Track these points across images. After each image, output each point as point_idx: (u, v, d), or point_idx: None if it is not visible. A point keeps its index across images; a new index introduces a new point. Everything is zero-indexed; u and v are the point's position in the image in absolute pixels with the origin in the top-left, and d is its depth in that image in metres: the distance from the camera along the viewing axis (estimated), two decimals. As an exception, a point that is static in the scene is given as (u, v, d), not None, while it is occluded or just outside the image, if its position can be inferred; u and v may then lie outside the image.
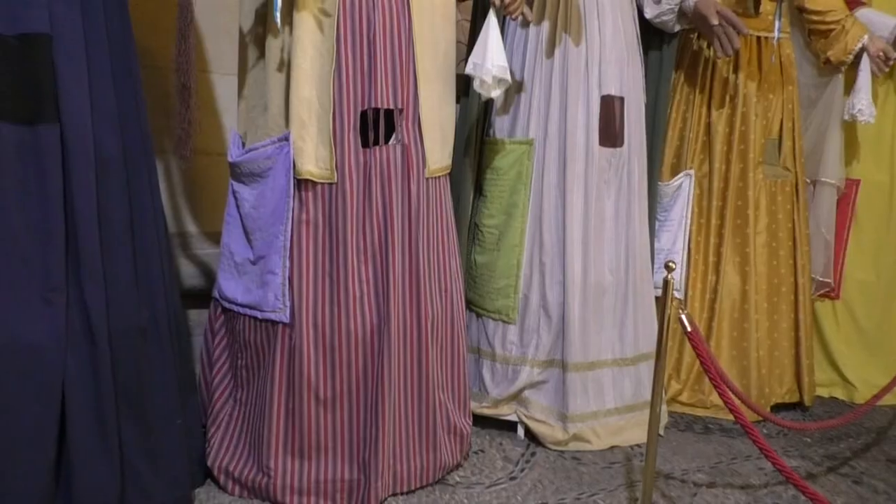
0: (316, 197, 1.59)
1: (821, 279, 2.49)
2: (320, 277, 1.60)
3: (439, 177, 1.74)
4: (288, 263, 1.58)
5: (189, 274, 2.04)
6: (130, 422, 1.41)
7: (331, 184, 1.58)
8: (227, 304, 1.70)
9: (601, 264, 2.02)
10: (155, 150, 1.58)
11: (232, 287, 1.68)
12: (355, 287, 1.60)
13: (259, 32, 1.65)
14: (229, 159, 1.68)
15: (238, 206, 1.66)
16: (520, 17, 1.78)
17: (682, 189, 2.30)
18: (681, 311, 1.49)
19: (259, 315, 1.62)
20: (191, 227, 2.25)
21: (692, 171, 2.31)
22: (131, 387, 1.41)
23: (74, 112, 1.29)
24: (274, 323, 1.60)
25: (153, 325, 1.48)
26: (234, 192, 1.68)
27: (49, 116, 1.27)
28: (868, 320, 2.53)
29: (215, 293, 1.75)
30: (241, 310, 1.66)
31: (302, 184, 1.58)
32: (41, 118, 1.26)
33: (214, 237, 2.15)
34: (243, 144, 1.68)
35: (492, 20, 1.72)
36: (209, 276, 2.02)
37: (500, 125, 2.08)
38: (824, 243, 2.47)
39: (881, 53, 2.36)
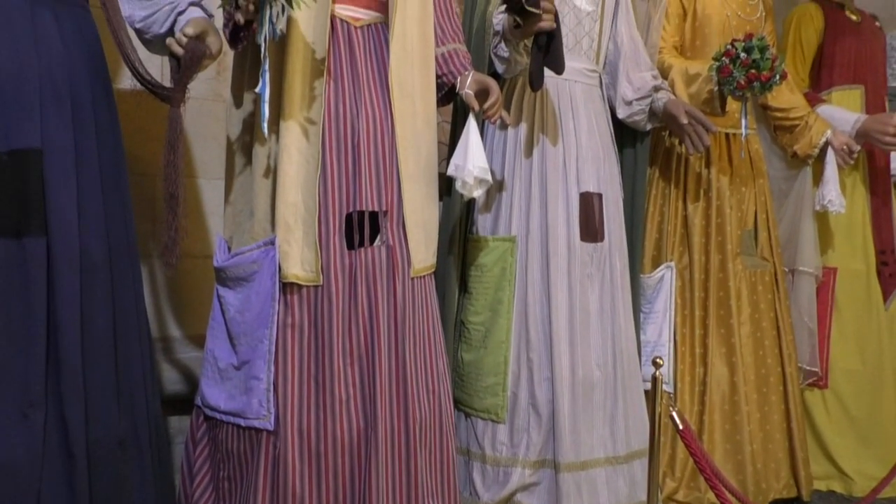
0: (301, 300, 1.59)
1: (808, 368, 2.49)
2: (306, 381, 1.57)
3: (424, 276, 1.75)
4: (273, 368, 1.56)
5: (171, 380, 2.00)
6: (106, 540, 1.35)
7: (316, 286, 1.58)
8: (209, 412, 1.66)
9: (588, 359, 2.01)
10: (140, 254, 1.59)
11: (215, 394, 1.64)
12: (341, 390, 1.57)
13: (246, 140, 1.69)
14: (215, 264, 1.68)
15: (223, 311, 1.65)
16: (498, 121, 1.84)
17: (664, 281, 2.34)
18: (671, 408, 1.48)
19: (242, 423, 1.58)
20: (174, 331, 2.22)
21: (673, 264, 2.35)
22: (108, 502, 1.36)
23: (62, 224, 1.31)
24: (258, 431, 1.56)
25: (133, 436, 1.44)
26: (219, 297, 1.67)
27: (36, 229, 1.28)
28: (858, 409, 2.52)
29: (197, 400, 1.72)
30: (223, 417, 1.62)
31: (287, 287, 1.58)
32: (28, 231, 1.27)
33: (198, 340, 2.12)
34: (229, 249, 1.69)
35: (472, 124, 1.78)
36: (191, 381, 1.98)
37: (483, 223, 2.12)
38: (808, 332, 2.49)
39: (845, 147, 2.47)
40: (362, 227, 1.64)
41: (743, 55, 2.12)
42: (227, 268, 1.64)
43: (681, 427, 1.46)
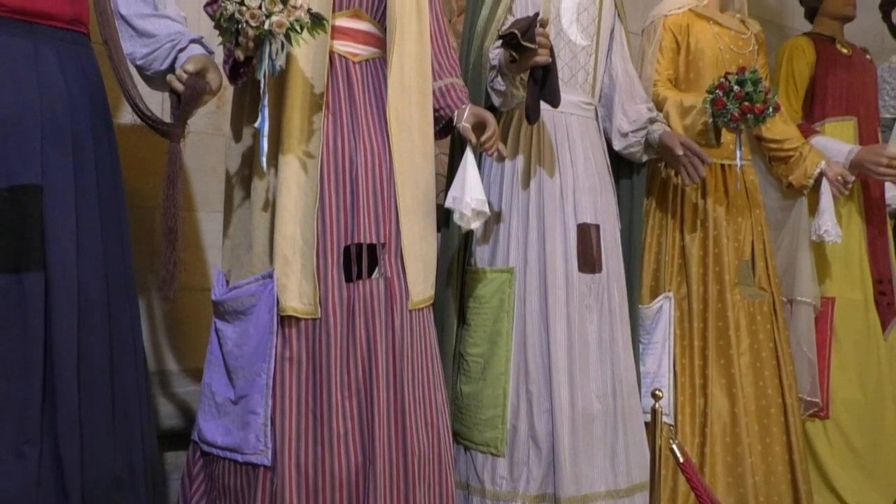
0: (299, 333, 1.58)
1: (808, 399, 2.48)
2: (303, 416, 1.56)
3: (423, 308, 1.75)
4: (270, 403, 1.55)
5: (167, 414, 1.98)
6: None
7: (314, 319, 1.58)
8: (206, 448, 1.64)
9: (588, 391, 2.00)
10: (138, 287, 1.59)
11: (212, 429, 1.63)
12: (339, 424, 1.56)
13: (245, 174, 1.70)
14: (213, 298, 1.68)
15: (221, 345, 1.65)
16: (495, 153, 1.86)
17: (662, 311, 2.33)
18: (672, 441, 1.47)
19: (239, 458, 1.56)
20: (171, 365, 2.21)
21: (671, 294, 2.35)
22: (102, 542, 1.34)
23: (61, 259, 1.31)
24: (255, 466, 1.54)
25: (128, 473, 1.43)
26: (216, 331, 1.67)
27: (35, 264, 1.28)
28: (860, 440, 2.50)
29: (194, 436, 1.70)
30: (220, 453, 1.61)
31: (285, 320, 1.58)
32: (27, 266, 1.28)
33: (195, 374, 2.11)
34: (227, 282, 1.69)
35: (469, 156, 1.80)
36: (188, 416, 1.96)
37: (481, 254, 2.12)
38: (808, 362, 2.49)
39: (840, 177, 2.49)
40: (360, 260, 1.64)
41: (736, 88, 2.15)
42: (225, 301, 1.64)
43: (682, 460, 1.45)
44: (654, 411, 1.47)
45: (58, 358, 1.30)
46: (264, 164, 1.55)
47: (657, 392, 1.47)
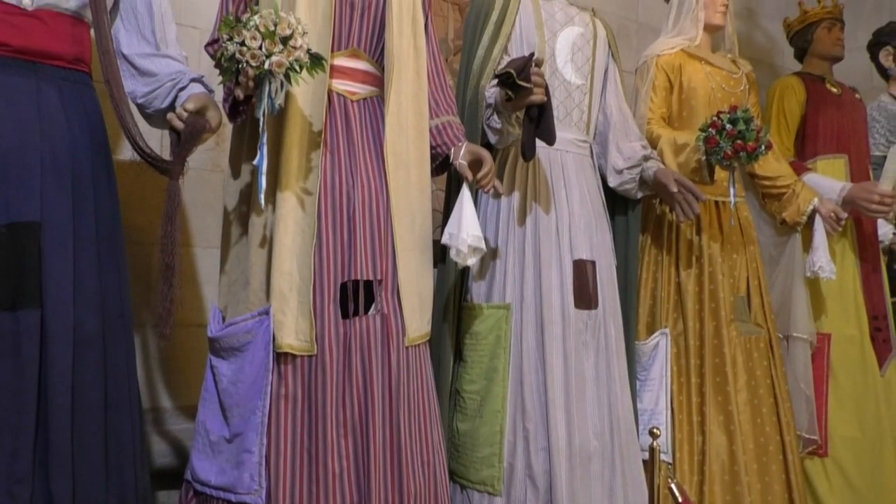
0: (295, 370, 1.57)
1: (807, 436, 2.47)
2: (298, 454, 1.54)
3: (419, 344, 1.75)
4: (265, 441, 1.53)
5: (160, 452, 1.96)
6: None
7: (310, 356, 1.57)
8: (199, 487, 1.62)
9: (585, 429, 1.98)
10: (133, 323, 1.58)
11: (206, 468, 1.61)
12: (335, 463, 1.54)
13: (243, 210, 1.71)
14: (209, 334, 1.68)
15: (216, 382, 1.64)
16: (491, 190, 1.88)
17: (659, 348, 2.33)
18: (670, 479, 1.45)
19: (233, 498, 1.54)
20: (165, 402, 2.19)
21: (667, 330, 2.35)
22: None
23: (57, 296, 1.31)
24: (249, 506, 1.52)
25: (120, 512, 1.41)
26: (212, 367, 1.66)
27: (31, 301, 1.28)
28: (860, 479, 2.48)
29: (187, 475, 1.68)
30: (214, 492, 1.58)
31: (281, 357, 1.57)
32: (23, 304, 1.28)
33: (188, 411, 2.09)
34: (223, 319, 1.69)
35: (465, 193, 1.81)
36: (182, 454, 1.94)
37: (478, 290, 2.12)
38: (805, 399, 2.48)
39: (832, 214, 2.51)
40: (357, 296, 1.64)
41: (729, 126, 2.18)
42: (221, 338, 1.63)
43: (680, 499, 1.43)
44: (652, 449, 1.46)
45: (52, 396, 1.29)
46: (262, 202, 1.56)
47: (655, 430, 1.46)
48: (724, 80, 2.53)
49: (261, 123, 1.51)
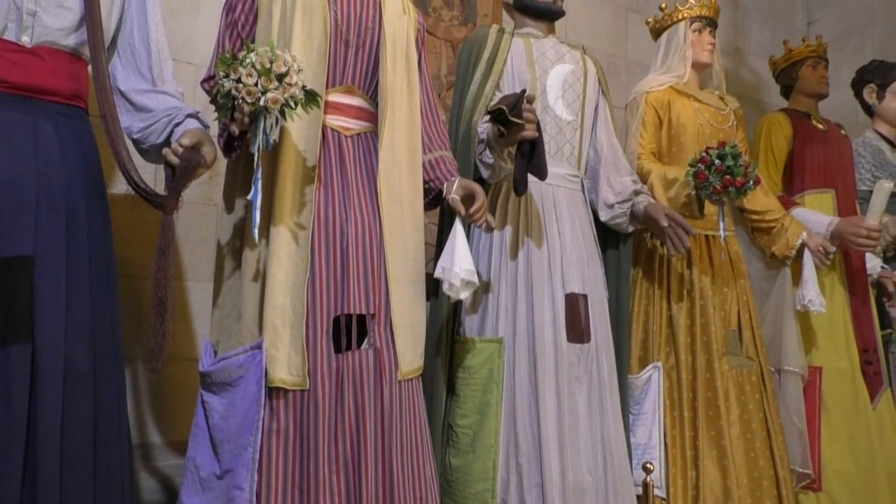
0: (287, 405, 1.56)
1: (800, 470, 2.45)
2: (290, 491, 1.52)
3: (412, 379, 1.74)
4: (256, 477, 1.51)
5: (149, 489, 1.93)
6: None
7: (303, 391, 1.57)
8: (188, 524, 1.60)
9: (578, 464, 1.97)
10: (124, 358, 1.57)
11: (195, 505, 1.59)
12: (327, 499, 1.52)
13: (237, 245, 1.71)
14: (200, 369, 1.67)
15: (207, 417, 1.62)
16: (484, 224, 1.90)
17: (651, 381, 2.33)
18: (664, 515, 1.44)
19: (223, 536, 1.52)
20: (154, 438, 2.17)
21: (659, 364, 2.35)
22: None
23: (49, 331, 1.31)
24: (238, 546, 1.50)
25: (108, 551, 1.38)
26: (203, 403, 1.64)
27: (22, 336, 1.28)
28: (855, 514, 2.47)
29: (177, 512, 1.65)
30: (203, 530, 1.56)
31: (273, 392, 1.56)
32: (13, 339, 1.27)
33: (178, 447, 2.06)
34: (215, 353, 1.68)
35: (458, 227, 1.82)
36: (171, 491, 1.91)
37: (470, 324, 2.12)
38: (798, 433, 2.47)
39: (821, 248, 2.54)
40: (350, 331, 1.64)
41: (717, 162, 2.21)
42: (212, 372, 1.62)
43: (675, 536, 1.42)
44: (645, 484, 1.45)
45: (41, 432, 1.27)
46: (256, 236, 1.57)
47: (648, 465, 1.45)
48: (713, 117, 2.58)
49: (255, 158, 1.52)
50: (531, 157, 1.93)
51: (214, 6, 2.29)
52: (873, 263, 2.83)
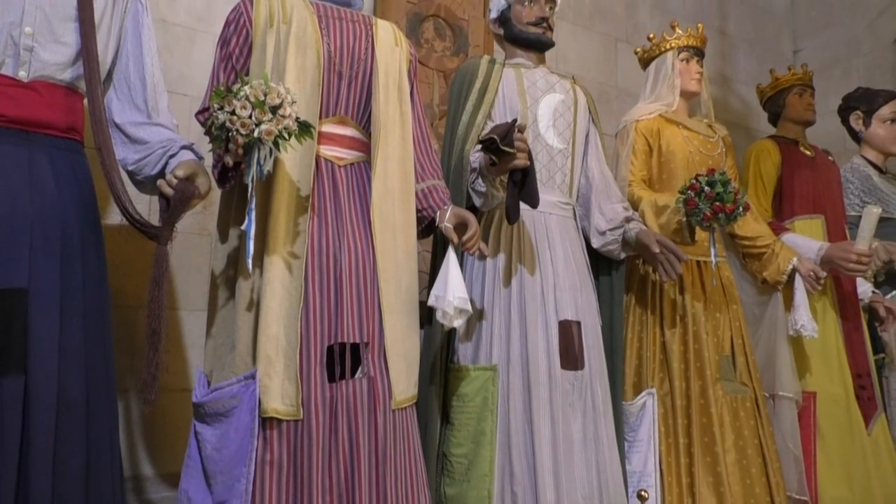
0: (281, 435, 1.56)
1: (797, 497, 2.44)
2: (283, 523, 1.51)
3: (406, 408, 1.74)
4: (249, 509, 1.50)
5: (141, 522, 1.91)
6: None
7: (296, 421, 1.56)
8: (180, 558, 1.58)
9: (574, 492, 1.96)
10: (117, 389, 1.57)
11: (187, 538, 1.57)
12: (320, 531, 1.51)
13: (230, 274, 1.72)
14: (194, 400, 1.66)
15: (200, 449, 1.61)
16: (477, 252, 1.91)
17: (646, 408, 2.33)
18: (660, 544, 1.44)
19: (215, 569, 1.50)
20: (146, 470, 2.15)
21: (654, 390, 2.35)
22: None
23: (42, 362, 1.31)
24: (231, 579, 1.48)
25: (98, 586, 1.36)
26: (196, 434, 1.63)
27: (15, 369, 1.28)
28: (851, 539, 2.45)
29: (169, 545, 1.64)
30: (195, 564, 1.54)
31: (267, 422, 1.56)
32: (6, 372, 1.27)
33: (170, 479, 2.05)
34: (209, 383, 1.68)
35: (451, 255, 1.83)
36: (162, 523, 1.89)
37: (464, 352, 2.12)
38: (794, 459, 2.46)
39: (812, 273, 2.56)
40: (344, 359, 1.64)
41: (707, 189, 2.24)
42: (205, 403, 1.62)
43: (671, 565, 1.41)
44: (641, 514, 1.44)
45: (32, 464, 1.27)
46: (250, 266, 1.57)
47: (643, 493, 1.45)
48: (702, 144, 2.61)
49: (249, 189, 1.53)
50: (523, 186, 1.95)
51: (209, 40, 2.33)
52: (864, 288, 2.84)
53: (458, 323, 1.81)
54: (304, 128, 1.54)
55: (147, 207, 2.11)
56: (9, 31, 1.42)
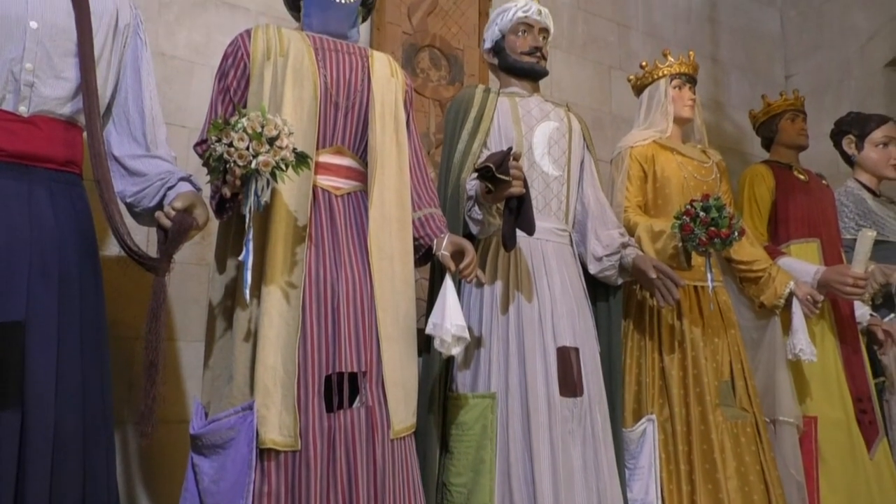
0: (278, 466, 1.55)
1: (801, 524, 2.42)
2: (280, 557, 1.49)
3: (404, 437, 1.73)
4: (247, 543, 1.49)
5: (137, 556, 1.89)
6: None
7: (294, 452, 1.55)
8: None
9: (575, 520, 1.94)
10: (114, 422, 1.56)
11: (184, 573, 1.55)
12: (318, 564, 1.49)
13: (228, 305, 1.72)
14: (191, 431, 1.65)
15: (197, 481, 1.60)
16: (474, 280, 1.91)
17: (646, 434, 2.31)
18: (662, 574, 1.42)
19: None
20: (143, 502, 2.12)
21: (654, 416, 2.34)
22: None
23: (39, 396, 1.31)
24: None
25: None
26: (193, 466, 1.62)
27: (11, 402, 1.27)
28: (856, 565, 2.42)
29: (165, 581, 1.62)
30: None
31: (264, 453, 1.55)
32: (3, 405, 1.27)
33: (167, 512, 2.03)
34: (206, 415, 1.67)
35: (448, 283, 1.84)
36: (159, 558, 1.87)
37: (463, 380, 2.12)
38: (796, 485, 2.44)
39: (809, 297, 2.56)
40: (341, 389, 1.63)
41: (702, 214, 2.25)
42: (203, 434, 1.61)
43: None
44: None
45: (29, 498, 1.26)
46: (247, 296, 1.58)
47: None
48: (696, 170, 2.63)
49: (247, 220, 1.54)
50: (519, 213, 1.96)
51: (207, 72, 2.35)
52: (862, 311, 2.84)
53: (456, 351, 1.81)
54: (301, 159, 1.55)
55: (145, 239, 2.11)
56: (10, 67, 1.44)
